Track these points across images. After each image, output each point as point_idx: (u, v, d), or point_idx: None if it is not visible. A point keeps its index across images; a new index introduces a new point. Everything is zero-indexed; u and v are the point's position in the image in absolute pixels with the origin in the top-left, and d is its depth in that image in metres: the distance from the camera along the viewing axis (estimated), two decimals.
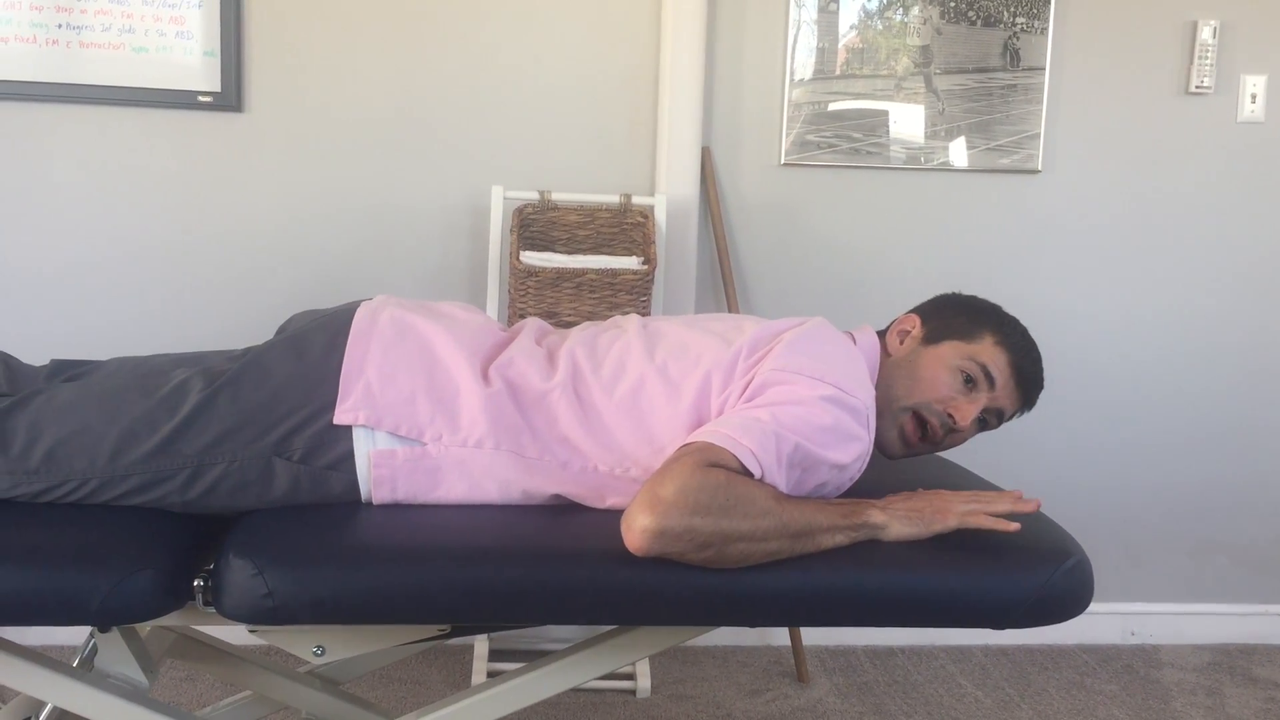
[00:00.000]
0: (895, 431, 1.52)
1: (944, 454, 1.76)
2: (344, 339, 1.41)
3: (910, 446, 1.54)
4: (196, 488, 1.35)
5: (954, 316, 1.58)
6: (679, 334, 1.50)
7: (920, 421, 1.51)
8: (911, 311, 1.63)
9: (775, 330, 1.48)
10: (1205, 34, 2.68)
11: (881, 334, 1.62)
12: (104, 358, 1.64)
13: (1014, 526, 1.31)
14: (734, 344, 1.44)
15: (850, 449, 1.38)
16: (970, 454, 2.06)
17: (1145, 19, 2.69)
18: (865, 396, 1.42)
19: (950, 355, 1.52)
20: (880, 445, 1.54)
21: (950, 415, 1.50)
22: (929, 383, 1.51)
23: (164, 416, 1.35)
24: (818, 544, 1.28)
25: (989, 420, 1.55)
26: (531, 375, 1.42)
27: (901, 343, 1.58)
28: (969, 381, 1.51)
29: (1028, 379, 1.54)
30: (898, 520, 1.32)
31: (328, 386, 1.37)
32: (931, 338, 1.55)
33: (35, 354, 1.70)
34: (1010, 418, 1.57)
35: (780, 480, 1.31)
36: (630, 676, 2.45)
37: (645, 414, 1.41)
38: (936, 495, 1.36)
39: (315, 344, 1.42)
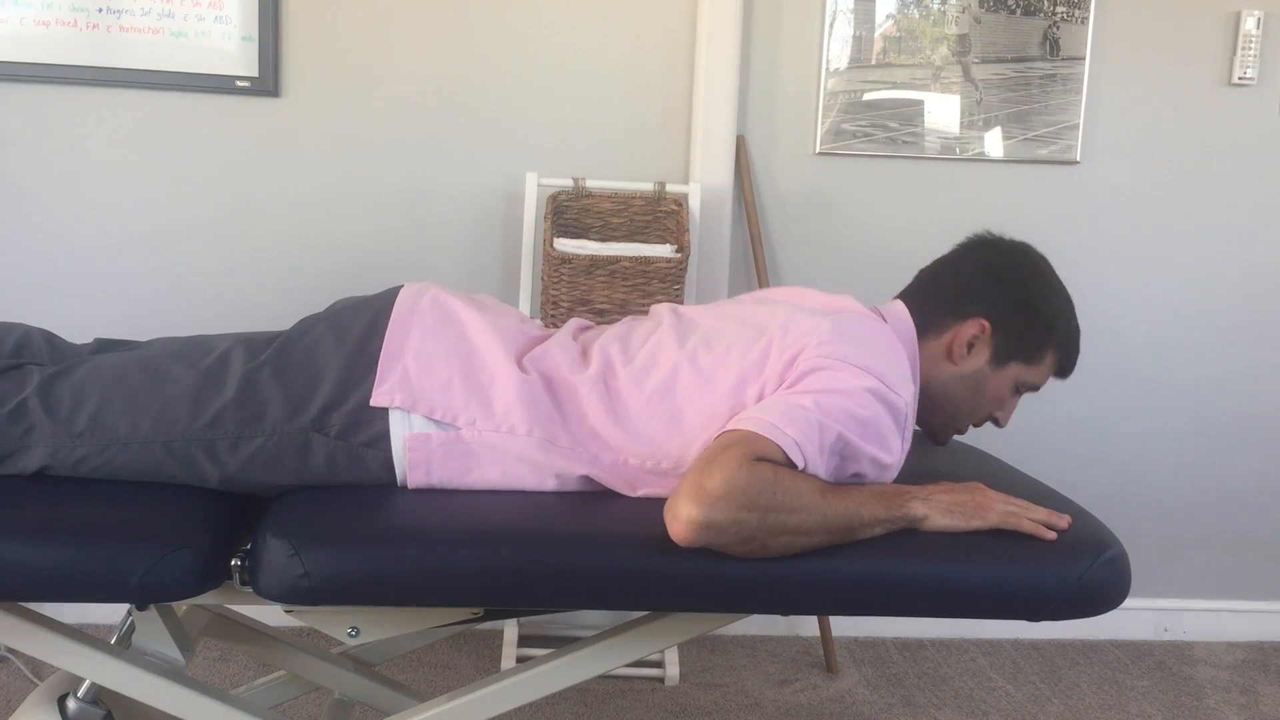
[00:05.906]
0: (951, 430, 1.61)
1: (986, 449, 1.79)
2: (385, 321, 1.42)
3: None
4: (235, 461, 1.35)
5: (1025, 328, 1.55)
6: (712, 324, 1.49)
7: None
8: (979, 314, 1.54)
9: (809, 307, 1.49)
10: (1249, 24, 2.64)
11: (909, 301, 1.60)
12: (144, 339, 1.66)
13: (1051, 535, 1.32)
14: (766, 333, 1.43)
15: (890, 445, 1.38)
16: (1006, 443, 2.04)
17: (1188, 9, 2.65)
18: (907, 395, 1.40)
19: (1014, 376, 1.57)
20: (930, 433, 1.61)
21: (995, 418, 1.60)
22: (993, 401, 1.58)
23: (206, 387, 1.36)
24: (858, 536, 1.28)
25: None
26: (564, 367, 1.43)
27: (969, 350, 1.54)
28: (1018, 391, 1.59)
29: (1065, 371, 1.61)
30: (938, 512, 1.31)
31: (366, 367, 1.38)
32: (999, 358, 1.55)
33: (76, 335, 1.72)
34: None
35: (821, 469, 1.31)
36: (659, 664, 2.46)
37: (678, 406, 1.40)
38: (978, 490, 1.36)
39: (357, 325, 1.43)
